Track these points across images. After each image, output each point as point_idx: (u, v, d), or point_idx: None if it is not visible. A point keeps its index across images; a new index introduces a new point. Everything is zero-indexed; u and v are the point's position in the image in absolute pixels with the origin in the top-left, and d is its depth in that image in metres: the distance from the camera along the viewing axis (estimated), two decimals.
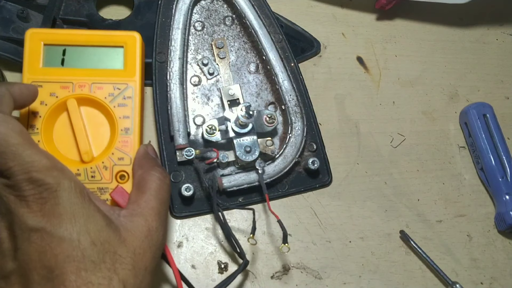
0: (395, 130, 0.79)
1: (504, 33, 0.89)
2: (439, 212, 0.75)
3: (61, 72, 0.64)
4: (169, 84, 0.68)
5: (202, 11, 0.74)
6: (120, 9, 0.78)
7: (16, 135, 0.44)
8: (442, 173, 0.78)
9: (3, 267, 0.44)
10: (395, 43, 0.85)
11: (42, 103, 0.62)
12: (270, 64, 0.72)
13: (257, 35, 0.72)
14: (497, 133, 0.77)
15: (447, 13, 0.87)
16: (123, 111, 0.63)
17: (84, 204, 0.46)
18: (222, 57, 0.73)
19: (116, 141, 0.62)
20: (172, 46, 0.70)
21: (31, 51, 0.64)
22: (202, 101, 0.71)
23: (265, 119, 0.66)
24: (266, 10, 0.74)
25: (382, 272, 0.70)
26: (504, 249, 0.75)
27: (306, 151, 0.71)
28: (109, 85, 0.64)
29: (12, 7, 0.71)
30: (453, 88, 0.83)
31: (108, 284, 0.43)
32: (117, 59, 0.65)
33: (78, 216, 0.45)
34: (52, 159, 0.46)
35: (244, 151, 0.65)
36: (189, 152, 0.65)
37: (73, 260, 0.43)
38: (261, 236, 0.69)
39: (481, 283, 0.73)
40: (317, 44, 0.81)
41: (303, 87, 0.73)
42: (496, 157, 0.76)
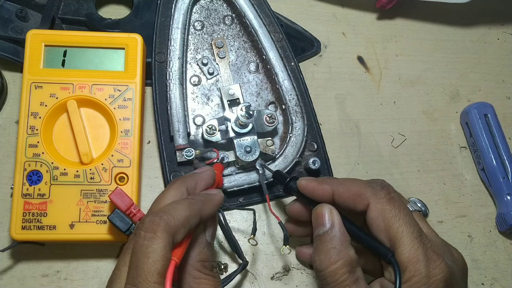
0: (396, 130, 0.79)
1: (505, 33, 0.89)
2: (440, 212, 0.75)
3: (61, 73, 0.64)
4: (168, 84, 0.68)
5: (202, 10, 0.74)
6: (119, 8, 0.78)
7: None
8: (443, 173, 0.78)
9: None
10: (395, 42, 0.84)
11: (42, 104, 0.62)
12: (270, 63, 0.71)
13: (257, 34, 0.72)
14: (498, 133, 0.77)
15: (448, 13, 0.87)
16: (123, 113, 0.63)
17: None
18: (222, 56, 0.72)
19: (115, 143, 0.63)
20: (172, 46, 0.70)
21: (32, 52, 0.64)
22: (202, 101, 0.71)
23: (265, 119, 0.66)
24: (266, 9, 0.74)
25: None
26: (505, 249, 0.75)
27: (306, 151, 0.71)
28: (110, 86, 0.64)
29: (11, 6, 0.71)
30: (454, 88, 0.83)
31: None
32: (118, 60, 0.65)
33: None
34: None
35: (244, 151, 0.65)
36: (189, 153, 0.65)
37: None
38: (262, 236, 0.69)
39: (482, 283, 0.72)
40: (318, 43, 0.81)
41: (304, 86, 0.72)
42: (497, 157, 0.76)
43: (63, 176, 0.61)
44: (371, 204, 0.52)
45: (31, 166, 0.61)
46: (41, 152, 0.61)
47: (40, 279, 0.64)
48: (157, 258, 0.42)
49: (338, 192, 0.54)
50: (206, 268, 0.49)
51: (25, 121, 0.62)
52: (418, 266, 0.47)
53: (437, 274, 0.48)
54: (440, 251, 0.50)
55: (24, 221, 0.60)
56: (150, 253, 0.43)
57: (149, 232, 0.44)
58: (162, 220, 0.44)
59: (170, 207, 0.47)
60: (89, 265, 0.66)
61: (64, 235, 0.61)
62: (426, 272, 0.47)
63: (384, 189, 0.53)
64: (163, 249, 0.43)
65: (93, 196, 0.61)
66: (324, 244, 0.53)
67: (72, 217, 0.61)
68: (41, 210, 0.60)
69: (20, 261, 0.65)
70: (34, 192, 0.61)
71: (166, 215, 0.45)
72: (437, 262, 0.48)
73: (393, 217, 0.50)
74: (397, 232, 0.49)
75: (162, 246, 0.43)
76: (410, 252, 0.48)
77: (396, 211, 0.50)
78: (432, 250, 0.49)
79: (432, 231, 0.54)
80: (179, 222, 0.45)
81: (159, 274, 0.42)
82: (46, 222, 0.60)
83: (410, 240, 0.48)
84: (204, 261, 0.49)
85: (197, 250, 0.49)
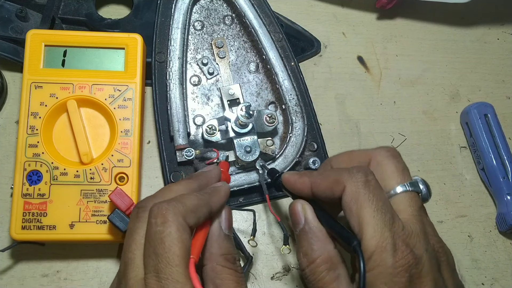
0: (396, 130, 0.79)
1: (505, 33, 0.89)
2: (440, 212, 0.75)
3: (61, 73, 0.64)
4: (168, 84, 0.68)
5: (202, 10, 0.74)
6: (119, 8, 0.78)
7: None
8: (443, 173, 0.78)
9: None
10: (395, 42, 0.84)
11: (42, 104, 0.62)
12: (270, 63, 0.71)
13: (257, 34, 0.72)
14: (498, 133, 0.77)
15: (448, 13, 0.87)
16: (123, 112, 0.63)
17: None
18: (222, 56, 0.72)
19: (115, 143, 0.63)
20: (172, 46, 0.70)
21: (32, 52, 0.64)
22: (202, 101, 0.71)
23: (265, 119, 0.66)
24: (266, 9, 0.74)
25: None
26: (506, 249, 0.75)
27: (306, 151, 0.71)
28: (110, 86, 0.64)
29: (11, 6, 0.71)
30: (454, 88, 0.83)
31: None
32: (118, 60, 0.65)
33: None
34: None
35: (244, 151, 0.65)
36: (189, 153, 0.65)
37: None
38: (262, 236, 0.69)
39: (482, 283, 0.72)
40: (318, 43, 0.81)
41: (304, 86, 0.72)
42: (497, 157, 0.76)
43: (63, 176, 0.61)
44: (346, 187, 0.49)
45: (31, 166, 0.61)
46: (41, 152, 0.61)
47: (40, 279, 0.64)
48: (173, 241, 0.42)
49: (316, 183, 0.52)
50: (229, 262, 0.48)
51: (25, 121, 0.62)
52: (384, 256, 0.45)
53: (402, 264, 0.45)
54: (413, 241, 0.47)
55: (24, 221, 0.60)
56: (165, 237, 0.43)
57: (159, 218, 0.44)
58: (170, 206, 0.44)
59: (178, 197, 0.47)
60: (89, 265, 0.66)
61: (64, 235, 0.61)
62: (391, 263, 0.45)
63: (361, 172, 0.49)
64: (177, 232, 0.43)
65: (93, 196, 0.61)
66: (302, 242, 0.52)
67: (72, 217, 0.61)
68: (41, 210, 0.60)
69: (20, 261, 0.65)
70: (34, 192, 0.61)
71: (174, 201, 0.45)
72: (404, 252, 0.45)
73: (365, 202, 0.47)
74: (367, 218, 0.47)
75: (175, 229, 0.43)
76: (377, 240, 0.45)
77: (370, 196, 0.47)
78: (403, 239, 0.46)
79: (416, 217, 0.49)
80: (188, 208, 0.45)
81: (179, 257, 0.42)
82: (46, 222, 0.60)
83: (380, 227, 0.46)
84: (226, 254, 0.49)
85: (217, 245, 0.49)
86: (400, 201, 0.50)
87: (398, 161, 0.52)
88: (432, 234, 0.50)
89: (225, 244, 0.49)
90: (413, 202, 0.50)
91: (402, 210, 0.49)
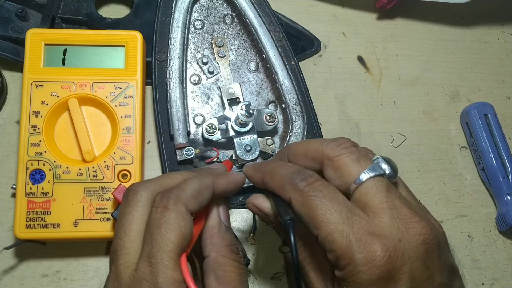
0: (396, 130, 0.79)
1: (505, 33, 0.89)
2: (440, 212, 0.75)
3: (62, 71, 0.64)
4: (168, 83, 0.68)
5: (202, 9, 0.74)
6: (119, 7, 0.78)
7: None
8: (443, 173, 0.78)
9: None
10: (395, 42, 0.84)
11: (43, 103, 0.63)
12: (270, 62, 0.71)
13: (257, 33, 0.72)
14: (498, 133, 0.77)
15: (448, 13, 0.87)
16: (124, 110, 0.63)
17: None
18: (222, 55, 0.72)
19: (117, 140, 0.63)
20: (172, 45, 0.70)
21: (32, 51, 0.64)
22: (202, 100, 0.71)
23: (265, 118, 0.66)
24: (266, 8, 0.74)
25: None
26: (506, 249, 0.75)
27: None
28: (110, 84, 0.64)
29: (11, 6, 0.71)
30: (454, 88, 0.83)
31: None
32: (118, 58, 0.65)
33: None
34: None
35: (244, 150, 0.65)
36: (189, 151, 0.65)
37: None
38: (261, 236, 0.69)
39: (482, 283, 0.72)
40: (318, 42, 0.81)
41: (304, 85, 0.72)
42: (497, 157, 0.76)
43: (66, 174, 0.61)
44: (291, 198, 0.46)
45: (33, 165, 0.61)
46: (43, 151, 0.62)
47: (40, 279, 0.64)
48: (169, 228, 0.43)
49: (266, 182, 0.50)
50: (233, 252, 0.48)
51: (27, 120, 0.62)
52: (349, 253, 0.42)
53: (372, 259, 0.42)
54: (381, 231, 0.43)
55: (28, 219, 0.60)
56: (162, 224, 0.43)
57: (160, 207, 0.44)
58: (172, 194, 0.45)
59: (181, 182, 0.47)
60: (89, 265, 0.66)
61: (68, 233, 0.61)
62: (359, 258, 0.42)
63: (302, 181, 0.46)
64: (175, 219, 0.43)
65: (96, 194, 0.61)
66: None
67: (75, 215, 0.61)
68: (44, 209, 0.61)
69: (20, 261, 0.65)
70: (37, 190, 0.61)
71: (176, 189, 0.46)
72: (373, 246, 0.42)
73: (313, 208, 0.44)
74: (320, 222, 0.44)
75: (173, 216, 0.43)
76: (338, 239, 0.43)
77: (317, 201, 0.44)
78: (367, 231, 0.43)
79: (386, 204, 0.45)
80: (189, 194, 0.46)
81: (173, 243, 0.42)
82: (50, 221, 0.61)
83: (336, 227, 0.43)
84: (229, 245, 0.49)
85: (219, 236, 0.49)
86: (366, 192, 0.46)
87: (351, 151, 0.48)
88: (409, 216, 0.45)
89: (227, 235, 0.49)
90: (379, 187, 0.46)
91: (370, 201, 0.45)
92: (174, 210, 0.44)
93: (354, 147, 0.48)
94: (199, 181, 0.48)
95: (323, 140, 0.50)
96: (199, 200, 0.46)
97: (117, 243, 0.46)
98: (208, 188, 0.48)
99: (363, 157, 0.47)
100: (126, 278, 0.44)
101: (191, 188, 0.46)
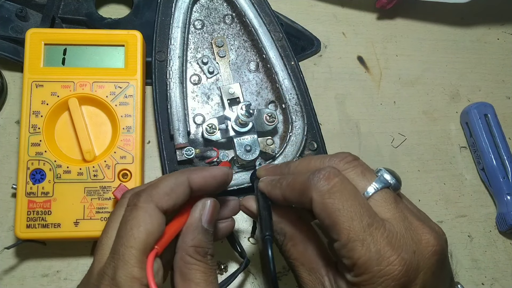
0: (396, 130, 0.79)
1: (505, 33, 0.89)
2: (440, 212, 0.75)
3: (62, 71, 0.64)
4: (168, 83, 0.68)
5: (202, 9, 0.74)
6: (119, 7, 0.78)
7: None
8: (443, 173, 0.78)
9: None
10: (395, 42, 0.84)
11: (43, 103, 0.63)
12: (270, 62, 0.71)
13: (257, 33, 0.72)
14: (498, 133, 0.77)
15: (448, 13, 0.87)
16: (124, 109, 0.63)
17: None
18: (222, 55, 0.72)
19: (118, 140, 0.63)
20: (172, 45, 0.70)
21: (32, 51, 0.64)
22: (202, 100, 0.71)
23: (265, 118, 0.66)
24: (266, 8, 0.74)
25: None
26: (505, 249, 0.75)
27: (306, 150, 0.70)
28: (110, 84, 0.64)
29: (11, 6, 0.71)
30: (454, 88, 0.83)
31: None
32: (118, 58, 0.65)
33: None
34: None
35: (244, 150, 0.65)
36: (189, 151, 0.65)
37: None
38: None
39: (482, 283, 0.72)
40: (318, 42, 0.81)
41: (304, 85, 0.72)
42: (497, 157, 0.76)
43: (66, 174, 0.62)
44: (313, 200, 0.45)
45: (34, 165, 0.61)
46: (43, 151, 0.62)
47: (40, 279, 0.64)
48: (134, 224, 0.43)
49: (287, 196, 0.49)
50: (198, 254, 0.48)
51: (27, 120, 0.62)
52: (368, 264, 0.42)
53: (390, 272, 0.42)
54: (399, 242, 0.43)
55: (29, 219, 0.60)
56: (128, 221, 0.44)
57: (130, 205, 0.45)
58: (144, 192, 0.45)
59: (155, 181, 0.48)
60: (89, 265, 0.64)
61: (69, 232, 0.61)
62: (377, 270, 0.42)
63: (323, 180, 0.45)
64: (141, 216, 0.44)
65: (96, 193, 0.61)
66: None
67: (76, 214, 0.61)
68: (45, 209, 0.61)
69: (21, 261, 0.65)
70: (38, 190, 0.61)
71: (148, 188, 0.46)
72: (390, 258, 0.42)
73: (334, 212, 0.44)
74: (342, 229, 0.43)
75: (141, 213, 0.44)
76: (359, 248, 0.42)
77: (339, 204, 0.44)
78: (386, 242, 0.43)
79: (397, 214, 0.46)
80: (161, 191, 0.46)
81: (136, 240, 0.42)
82: (50, 220, 0.61)
83: (357, 235, 0.43)
84: (196, 246, 0.48)
85: (191, 235, 0.48)
86: (375, 204, 0.46)
87: (354, 165, 0.48)
88: (420, 227, 0.46)
89: (199, 237, 0.49)
90: (387, 199, 0.46)
91: (381, 212, 0.45)
92: (142, 207, 0.44)
93: (356, 160, 0.48)
94: (174, 178, 0.47)
95: (324, 157, 0.50)
96: (173, 196, 0.46)
97: (99, 240, 0.47)
98: (182, 184, 0.47)
99: (367, 171, 0.48)
100: (95, 273, 0.44)
101: (164, 185, 0.46)
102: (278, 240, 0.52)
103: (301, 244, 0.50)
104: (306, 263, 0.50)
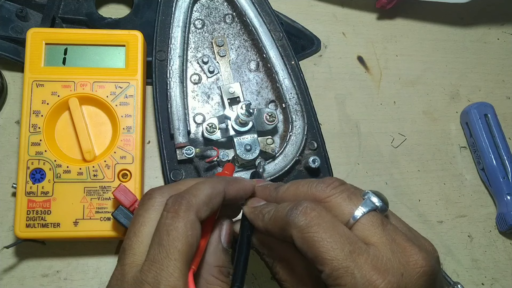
0: (396, 130, 0.79)
1: (505, 33, 0.89)
2: (440, 212, 0.75)
3: (62, 71, 0.64)
4: (169, 83, 0.68)
5: (202, 9, 0.74)
6: (120, 7, 0.78)
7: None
8: (443, 173, 0.78)
9: None
10: (395, 42, 0.84)
11: (43, 102, 0.63)
12: (270, 62, 0.71)
13: (257, 33, 0.72)
14: (499, 133, 0.77)
15: (448, 13, 0.87)
16: (125, 109, 0.63)
17: None
18: (222, 55, 0.72)
19: (118, 140, 0.63)
20: (172, 44, 0.70)
21: (32, 51, 0.64)
22: (202, 99, 0.71)
23: (265, 118, 0.66)
24: (267, 8, 0.74)
25: None
26: (505, 249, 0.75)
27: (306, 150, 0.70)
28: (111, 83, 0.64)
29: (11, 6, 0.71)
30: (454, 88, 0.83)
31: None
32: (119, 58, 0.65)
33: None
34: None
35: (244, 150, 0.65)
36: (189, 151, 0.65)
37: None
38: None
39: (482, 283, 0.72)
40: (318, 41, 0.81)
41: (304, 85, 0.72)
42: (497, 157, 0.76)
43: (66, 173, 0.62)
44: (293, 235, 0.45)
45: (34, 164, 0.61)
46: (43, 150, 0.62)
47: (40, 279, 0.64)
48: (177, 236, 0.43)
49: (269, 230, 0.49)
50: (222, 274, 0.48)
51: (27, 120, 0.62)
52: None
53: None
54: (385, 266, 0.43)
55: (28, 219, 0.60)
56: (171, 230, 0.43)
57: (171, 212, 0.44)
58: (184, 200, 0.45)
59: (193, 187, 0.47)
60: (89, 265, 0.66)
61: (68, 232, 0.61)
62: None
63: (301, 215, 0.45)
64: (183, 227, 0.43)
65: (96, 193, 0.61)
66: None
67: (76, 214, 0.61)
68: (45, 208, 0.61)
69: (20, 261, 0.65)
70: (38, 190, 0.61)
71: (188, 195, 0.45)
72: (377, 282, 0.42)
73: (314, 244, 0.44)
74: (325, 259, 0.43)
75: (183, 224, 0.43)
76: (343, 276, 0.42)
77: (318, 236, 0.44)
78: (371, 266, 0.43)
79: (385, 237, 0.45)
80: (201, 201, 0.45)
81: (179, 252, 0.42)
82: (50, 220, 0.61)
83: (340, 263, 0.42)
84: (220, 266, 0.49)
85: (214, 256, 0.49)
86: (362, 228, 0.46)
87: (341, 190, 0.48)
88: (408, 248, 0.45)
89: (223, 257, 0.49)
90: (374, 222, 0.46)
91: (368, 236, 0.45)
92: (184, 217, 0.44)
93: (343, 185, 0.48)
94: (211, 186, 0.47)
95: (311, 182, 0.49)
96: (210, 207, 0.46)
97: (126, 243, 0.46)
98: (219, 194, 0.48)
99: (353, 195, 0.47)
100: (130, 278, 0.44)
101: (203, 194, 0.46)
102: (268, 262, 0.52)
103: (290, 266, 0.51)
104: (295, 285, 0.50)
